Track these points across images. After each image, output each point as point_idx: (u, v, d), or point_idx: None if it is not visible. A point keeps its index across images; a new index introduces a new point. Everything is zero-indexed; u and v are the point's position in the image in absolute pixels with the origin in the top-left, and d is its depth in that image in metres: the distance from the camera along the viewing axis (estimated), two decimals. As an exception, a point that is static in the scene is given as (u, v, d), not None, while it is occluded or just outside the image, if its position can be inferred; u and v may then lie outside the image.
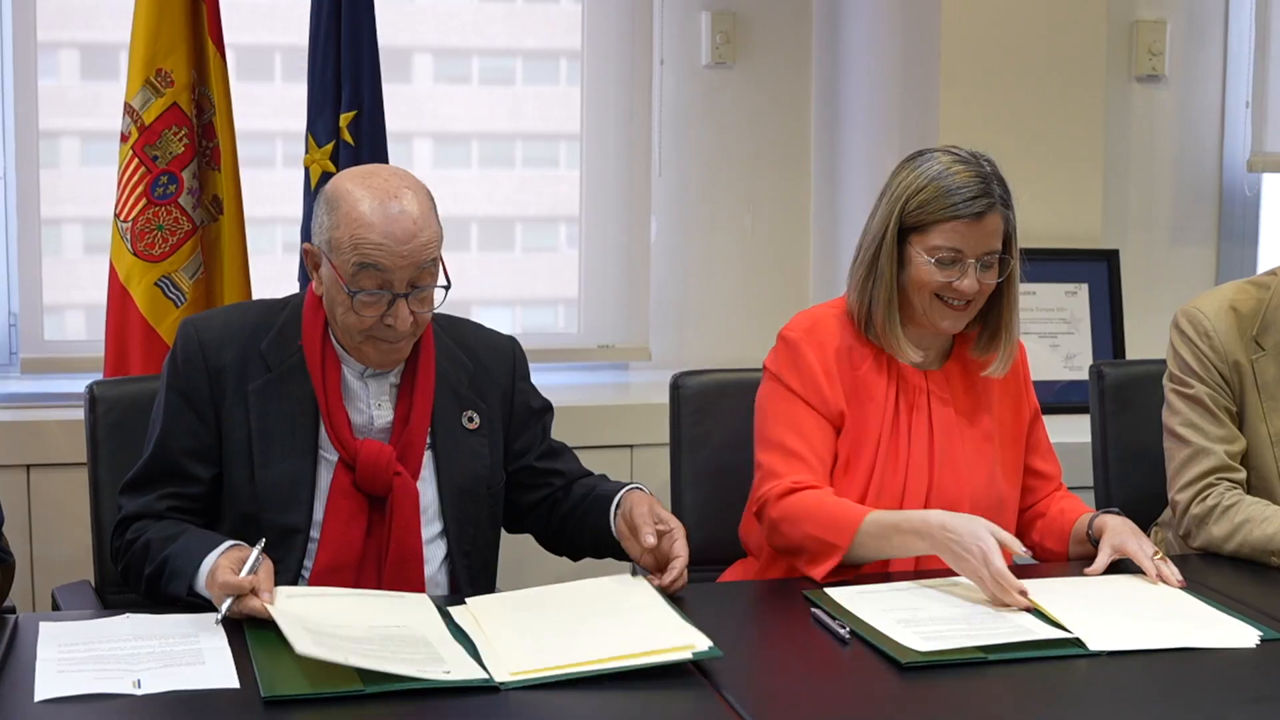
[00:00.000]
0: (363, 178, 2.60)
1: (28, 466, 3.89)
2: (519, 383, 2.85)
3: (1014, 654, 2.31)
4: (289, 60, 4.27)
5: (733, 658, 2.27)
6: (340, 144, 3.86)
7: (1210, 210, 4.85)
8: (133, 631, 2.34)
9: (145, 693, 2.09)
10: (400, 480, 2.63)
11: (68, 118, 4.25)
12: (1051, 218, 4.32)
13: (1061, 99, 4.33)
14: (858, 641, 2.36)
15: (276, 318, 2.70)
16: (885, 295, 2.82)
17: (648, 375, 4.70)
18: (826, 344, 2.86)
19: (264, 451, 2.63)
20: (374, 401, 2.68)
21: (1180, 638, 2.39)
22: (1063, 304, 4.42)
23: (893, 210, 2.81)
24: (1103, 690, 2.23)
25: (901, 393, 2.87)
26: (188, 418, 2.65)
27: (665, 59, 4.65)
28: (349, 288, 2.53)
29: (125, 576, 2.64)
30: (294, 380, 2.64)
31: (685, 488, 3.20)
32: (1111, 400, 3.42)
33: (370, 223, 2.51)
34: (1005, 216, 2.80)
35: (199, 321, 2.72)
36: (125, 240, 3.75)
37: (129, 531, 2.63)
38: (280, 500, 2.61)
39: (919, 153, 2.87)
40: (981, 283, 2.78)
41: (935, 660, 2.27)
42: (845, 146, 4.67)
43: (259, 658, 2.21)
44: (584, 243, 4.71)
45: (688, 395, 3.23)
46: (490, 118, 4.61)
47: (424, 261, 2.55)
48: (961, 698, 2.20)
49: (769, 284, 4.81)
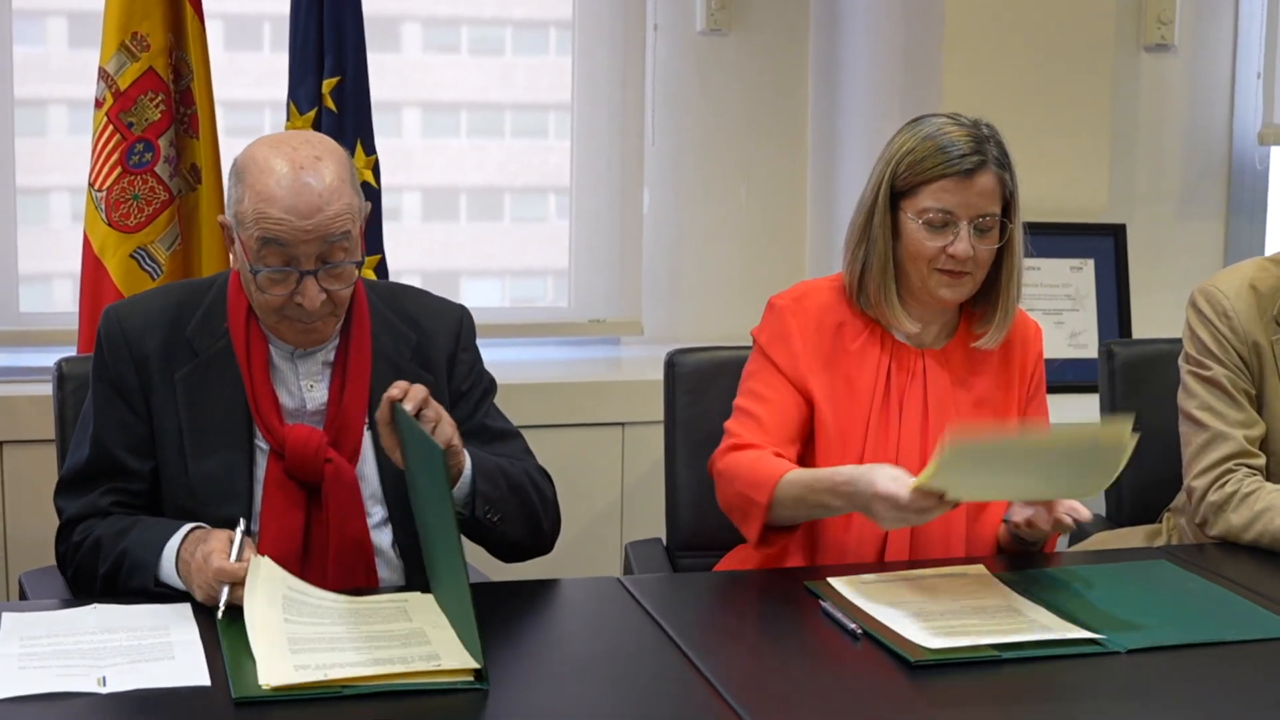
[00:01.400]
0: (273, 145, 2.44)
1: (0, 443, 3.78)
2: (460, 352, 2.68)
3: (1029, 652, 2.20)
4: (278, 29, 4.19)
5: (733, 654, 2.18)
6: (323, 111, 3.77)
7: (1219, 184, 4.79)
8: (100, 623, 2.23)
9: (110, 691, 1.98)
10: (332, 467, 2.49)
11: (55, 85, 4.18)
12: (1056, 191, 4.25)
13: (1068, 68, 4.24)
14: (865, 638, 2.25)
15: (202, 299, 2.57)
16: (879, 263, 2.72)
17: (640, 350, 4.63)
18: (813, 315, 2.78)
19: (196, 443, 2.50)
20: (305, 383, 2.55)
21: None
22: (1068, 280, 4.33)
23: (884, 173, 2.72)
24: (1124, 690, 2.12)
25: (895, 369, 2.77)
26: (119, 410, 2.53)
27: (659, 25, 4.57)
28: (252, 265, 2.40)
29: (76, 581, 2.52)
30: (222, 365, 2.52)
31: (680, 470, 3.11)
32: (1122, 381, 3.34)
33: (273, 195, 2.36)
34: (1001, 178, 2.68)
35: (121, 308, 2.60)
36: (100, 210, 3.65)
37: (75, 533, 2.51)
38: (216, 494, 2.48)
39: (918, 117, 2.77)
40: (977, 248, 2.67)
41: (947, 659, 2.16)
42: (844, 116, 4.58)
43: (230, 655, 2.10)
44: (575, 214, 4.63)
45: (683, 374, 3.14)
46: (480, 87, 4.55)
47: (332, 235, 2.39)
48: (973, 698, 2.09)
49: (764, 257, 4.73)
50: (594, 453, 4.12)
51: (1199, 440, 2.91)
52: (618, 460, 4.15)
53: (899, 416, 2.76)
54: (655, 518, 3.23)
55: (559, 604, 2.47)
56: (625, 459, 4.15)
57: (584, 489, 4.00)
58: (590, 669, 2.15)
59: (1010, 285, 2.77)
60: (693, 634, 2.25)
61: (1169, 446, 3.06)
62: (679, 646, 2.20)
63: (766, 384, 2.76)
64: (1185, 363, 2.99)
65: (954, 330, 2.83)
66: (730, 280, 4.69)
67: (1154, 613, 2.40)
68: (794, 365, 2.75)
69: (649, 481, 4.05)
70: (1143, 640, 2.25)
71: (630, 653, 2.21)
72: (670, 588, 2.62)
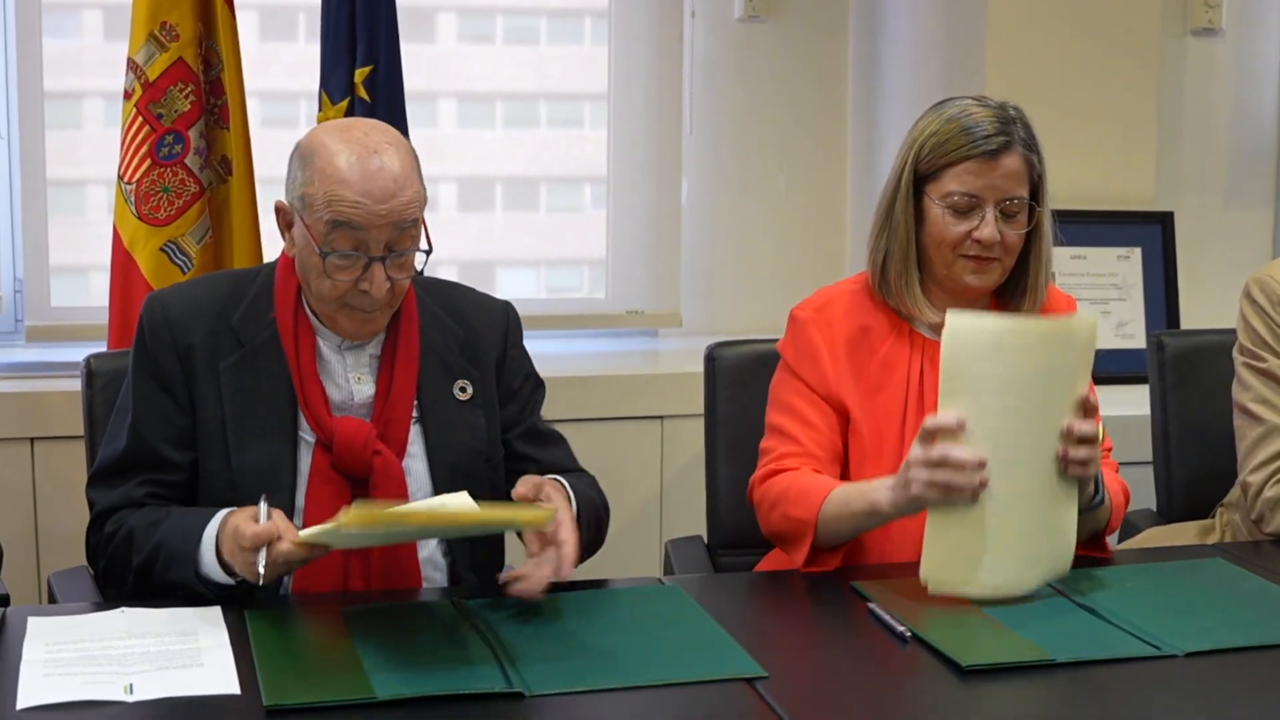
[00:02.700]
0: (341, 131, 2.41)
1: (31, 439, 3.75)
2: (511, 349, 2.65)
3: (1083, 654, 2.13)
4: (312, 19, 4.14)
5: (781, 660, 2.11)
6: (356, 101, 3.72)
7: (1269, 171, 4.73)
8: (128, 628, 2.17)
9: (137, 699, 1.92)
10: (381, 460, 2.44)
11: (90, 77, 4.14)
12: (1103, 178, 4.19)
13: (1114, 53, 4.17)
14: (914, 641, 2.18)
15: (248, 288, 2.52)
16: (900, 250, 2.65)
17: (678, 343, 4.58)
18: (837, 324, 2.69)
19: (239, 435, 2.45)
20: (352, 375, 2.50)
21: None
22: (1114, 269, 4.26)
23: (907, 156, 2.64)
24: (1183, 694, 2.05)
25: (927, 366, 2.68)
26: (160, 400, 2.47)
27: (696, 12, 4.53)
28: (321, 248, 2.34)
29: (108, 574, 2.46)
30: (268, 356, 2.46)
31: (720, 465, 3.04)
32: (1171, 372, 3.27)
33: (347, 179, 2.32)
34: (1028, 160, 2.59)
35: (165, 295, 2.54)
36: (129, 203, 3.61)
37: (107, 525, 2.45)
38: (259, 486, 2.40)
39: (943, 100, 2.69)
40: (1004, 232, 2.58)
41: (998, 664, 2.09)
42: (885, 104, 4.51)
43: (262, 661, 2.04)
44: (612, 204, 4.58)
45: (723, 367, 3.07)
46: (515, 78, 4.51)
47: (403, 222, 2.35)
48: (1025, 704, 2.03)
49: (804, 248, 4.68)
50: (632, 447, 4.06)
51: (1254, 434, 2.83)
52: (656, 455, 4.09)
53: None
54: (695, 513, 3.17)
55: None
56: (665, 453, 4.09)
57: (622, 484, 3.90)
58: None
59: (1040, 272, 2.68)
60: (737, 636, 2.18)
61: (1219, 440, 3.00)
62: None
63: (803, 401, 2.68)
64: (1239, 354, 2.91)
65: None
66: (769, 272, 4.64)
67: (1210, 614, 2.33)
68: (824, 381, 2.67)
69: (688, 476, 4.02)
70: (1201, 643, 2.18)
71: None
72: (713, 588, 2.56)
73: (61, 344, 4.04)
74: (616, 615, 2.30)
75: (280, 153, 4.00)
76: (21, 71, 4.03)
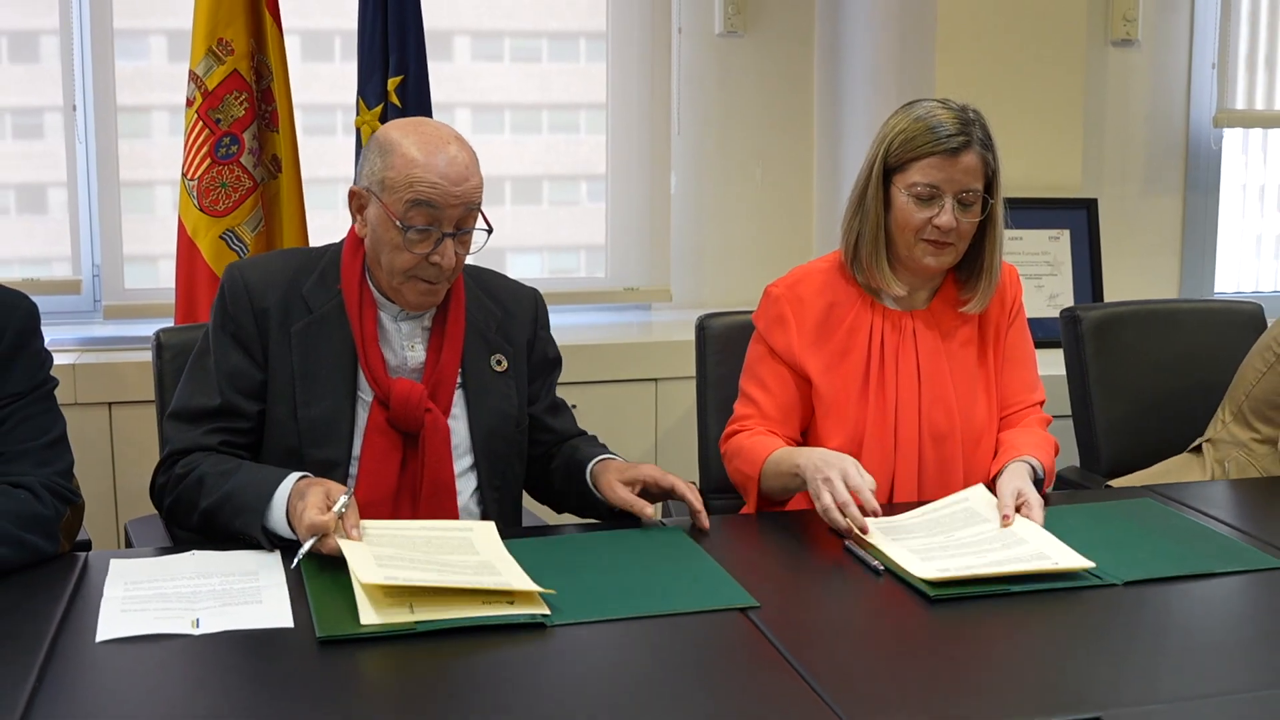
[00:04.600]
0: (415, 126, 2.39)
1: (109, 404, 3.69)
2: (540, 331, 2.63)
3: (1036, 585, 2.07)
4: (347, 42, 4.13)
5: (766, 588, 2.05)
6: (389, 106, 3.67)
7: (1178, 163, 4.69)
8: (197, 568, 2.10)
9: (203, 632, 1.86)
10: (431, 417, 2.39)
11: (157, 93, 4.09)
12: (1036, 169, 4.15)
13: (1045, 62, 4.13)
14: (887, 574, 2.12)
15: (317, 263, 2.47)
16: (872, 231, 2.59)
17: (669, 315, 4.52)
18: (807, 299, 2.65)
19: (306, 390, 2.39)
20: (407, 343, 2.44)
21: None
22: (1046, 248, 4.20)
23: (878, 151, 2.59)
24: (1124, 618, 1.98)
25: (888, 335, 2.63)
26: (237, 356, 2.41)
27: (683, 28, 4.45)
28: (401, 223, 2.31)
29: (172, 511, 2.38)
30: (333, 322, 2.41)
31: (711, 422, 2.97)
32: (1092, 340, 3.26)
33: (426, 164, 2.31)
34: (984, 157, 2.54)
35: (244, 266, 2.48)
36: (192, 197, 3.55)
37: (178, 466, 2.37)
38: (321, 436, 2.38)
39: (911, 101, 2.64)
40: (960, 220, 2.53)
41: (962, 593, 2.03)
42: (846, 106, 4.45)
43: (315, 597, 1.97)
44: (610, 195, 4.52)
45: (712, 335, 3.02)
46: (521, 91, 4.46)
47: (473, 203, 2.34)
48: (987, 627, 1.96)
49: (777, 231, 4.62)
50: (631, 406, 4.00)
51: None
52: (651, 412, 4.03)
53: (895, 374, 2.62)
54: (687, 463, 3.10)
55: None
56: (659, 411, 4.04)
57: (623, 439, 3.88)
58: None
59: (994, 255, 2.64)
60: (730, 570, 2.12)
61: (1137, 398, 3.03)
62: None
63: (766, 369, 2.66)
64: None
65: (936, 291, 2.69)
66: (748, 251, 4.58)
67: (1143, 547, 2.27)
68: (789, 348, 2.63)
69: (680, 431, 3.98)
70: (1137, 573, 2.12)
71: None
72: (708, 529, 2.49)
73: (134, 320, 4.01)
74: (627, 553, 2.24)
75: (320, 155, 4.09)
76: (97, 89, 4.00)
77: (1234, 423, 2.96)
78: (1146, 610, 2.01)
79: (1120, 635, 1.92)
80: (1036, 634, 1.95)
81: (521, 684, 1.74)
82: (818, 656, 1.82)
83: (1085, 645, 1.88)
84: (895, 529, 2.32)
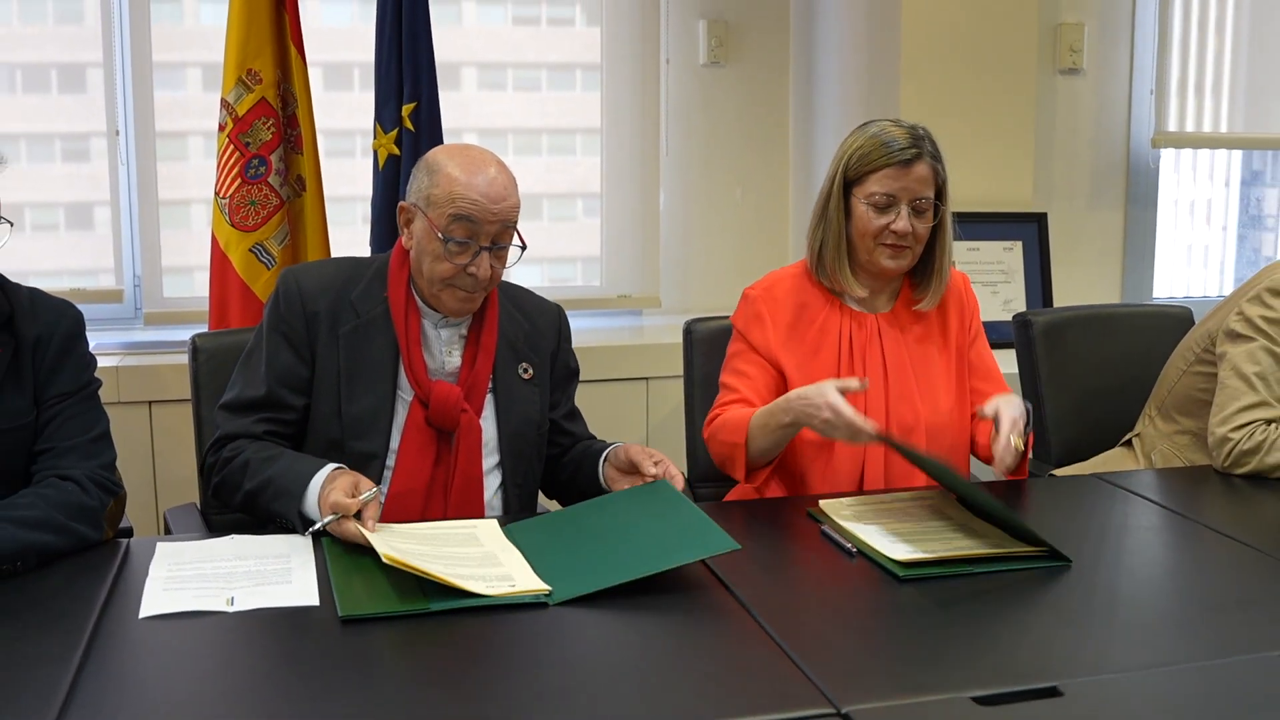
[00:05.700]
0: (460, 150, 2.40)
1: (149, 403, 3.67)
2: (563, 344, 2.63)
3: (1000, 566, 2.06)
4: (365, 73, 4.11)
5: (750, 569, 2.03)
6: (403, 131, 3.65)
7: (1120, 180, 4.67)
8: (235, 551, 2.09)
9: (237, 610, 1.84)
10: (466, 417, 2.38)
11: (193, 119, 4.07)
12: (991, 186, 4.13)
13: (999, 89, 4.12)
14: (860, 556, 2.10)
15: (365, 272, 2.46)
16: (834, 238, 2.60)
17: (659, 320, 4.51)
18: (780, 300, 2.64)
19: (350, 387, 2.38)
20: (445, 348, 2.43)
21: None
22: (1000, 258, 4.19)
23: (838, 166, 2.59)
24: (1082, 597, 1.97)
25: (855, 336, 2.62)
26: (287, 354, 2.39)
27: (670, 59, 4.42)
28: (443, 234, 2.31)
29: (218, 490, 2.37)
30: (379, 327, 2.40)
31: (697, 417, 2.96)
32: (1043, 341, 3.23)
33: (468, 183, 2.33)
34: (934, 168, 2.55)
35: (298, 271, 2.47)
36: (224, 214, 3.53)
37: (226, 449, 2.36)
38: (363, 430, 2.36)
39: (866, 122, 2.64)
40: (915, 225, 2.53)
41: (930, 574, 2.02)
42: (818, 131, 4.43)
43: (336, 580, 1.95)
44: (605, 212, 4.50)
45: (699, 339, 3.01)
46: (523, 116, 4.44)
47: (509, 221, 2.36)
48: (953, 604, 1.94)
49: (756, 244, 4.60)
50: (624, 403, 3.99)
51: (1246, 400, 2.69)
52: (643, 408, 4.02)
53: (863, 370, 2.61)
54: (675, 455, 3.05)
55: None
56: (649, 408, 4.02)
57: (616, 432, 3.84)
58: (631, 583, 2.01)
59: (944, 257, 2.64)
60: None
61: (1083, 396, 3.00)
62: (707, 566, 2.05)
63: (745, 361, 2.64)
64: (1257, 332, 2.74)
65: (897, 295, 2.68)
66: (729, 262, 4.56)
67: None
68: (766, 343, 2.62)
69: (667, 425, 3.97)
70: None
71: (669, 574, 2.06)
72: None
73: (172, 326, 3.98)
74: (619, 512, 2.21)
75: (340, 175, 4.08)
76: (138, 116, 3.97)
77: (1159, 418, 2.95)
78: (1099, 588, 2.00)
79: (1076, 611, 1.91)
80: (998, 611, 1.94)
81: (525, 658, 1.72)
82: (796, 629, 1.81)
83: (1043, 621, 1.87)
84: (867, 511, 2.31)
